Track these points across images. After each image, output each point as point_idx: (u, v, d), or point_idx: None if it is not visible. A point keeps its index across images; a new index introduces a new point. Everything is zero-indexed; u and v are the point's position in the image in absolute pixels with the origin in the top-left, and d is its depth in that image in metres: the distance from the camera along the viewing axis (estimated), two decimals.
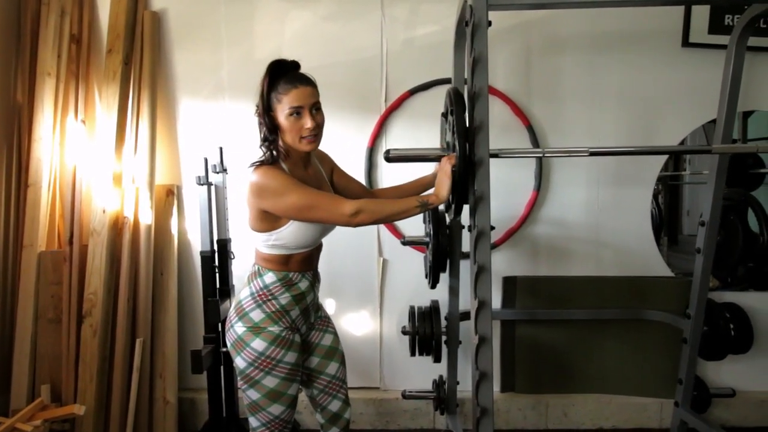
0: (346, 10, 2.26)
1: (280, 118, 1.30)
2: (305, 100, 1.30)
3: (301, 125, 1.30)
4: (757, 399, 2.29)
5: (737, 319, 2.07)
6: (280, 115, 1.30)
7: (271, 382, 1.33)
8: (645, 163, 2.31)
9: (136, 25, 2.24)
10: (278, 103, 1.29)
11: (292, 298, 1.38)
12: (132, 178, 2.18)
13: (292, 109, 1.28)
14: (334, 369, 1.52)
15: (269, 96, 1.30)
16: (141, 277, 2.13)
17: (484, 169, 1.41)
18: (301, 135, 1.30)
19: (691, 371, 2.06)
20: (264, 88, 1.30)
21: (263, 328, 1.33)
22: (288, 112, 1.28)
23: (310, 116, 1.30)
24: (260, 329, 1.33)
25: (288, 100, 1.28)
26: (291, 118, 1.29)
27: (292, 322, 1.38)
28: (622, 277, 2.27)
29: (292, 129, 1.30)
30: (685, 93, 2.26)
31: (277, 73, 1.31)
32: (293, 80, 1.30)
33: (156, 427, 2.12)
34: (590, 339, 2.27)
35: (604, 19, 2.26)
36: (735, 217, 2.31)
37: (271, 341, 1.33)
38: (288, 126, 1.30)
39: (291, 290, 1.37)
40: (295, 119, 1.29)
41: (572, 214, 2.32)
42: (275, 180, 1.28)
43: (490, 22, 1.44)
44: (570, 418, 2.29)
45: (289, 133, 1.30)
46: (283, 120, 1.30)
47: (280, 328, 1.35)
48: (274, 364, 1.33)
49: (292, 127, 1.29)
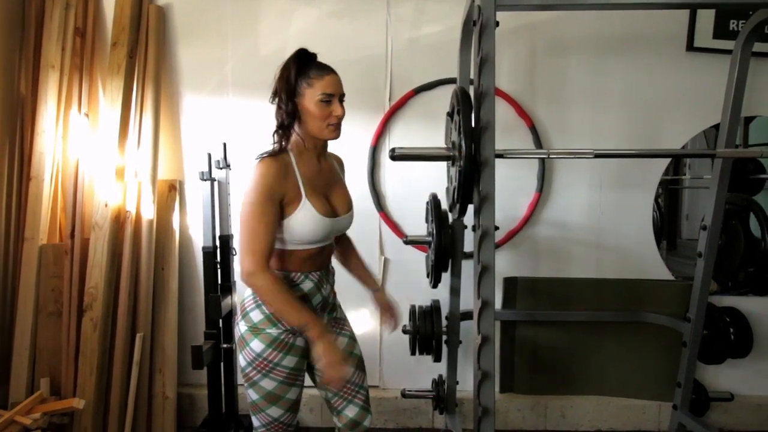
0: (351, 8, 2.23)
1: (307, 103, 1.27)
2: (337, 89, 1.30)
3: (330, 112, 1.29)
4: (755, 403, 2.28)
5: (737, 324, 2.06)
6: (309, 100, 1.27)
7: (269, 384, 1.29)
8: (647, 166, 2.30)
9: (141, 19, 2.21)
10: (308, 88, 1.27)
11: None
12: (135, 172, 2.15)
13: (325, 96, 1.27)
14: (349, 373, 1.42)
15: (297, 81, 1.27)
16: (142, 271, 2.11)
17: (489, 170, 1.39)
18: (328, 122, 1.29)
19: (690, 375, 2.05)
20: (292, 73, 1.27)
21: (261, 329, 1.28)
22: (319, 97, 1.26)
23: (340, 104, 1.30)
24: (259, 330, 1.28)
25: (321, 86, 1.27)
26: (321, 104, 1.27)
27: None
28: (622, 279, 2.25)
29: (321, 115, 1.27)
30: (688, 97, 2.24)
31: (306, 60, 1.29)
32: (326, 68, 1.30)
33: (155, 422, 2.10)
34: (590, 341, 2.26)
35: (608, 22, 2.24)
36: (737, 221, 2.29)
37: (268, 343, 1.27)
38: (316, 112, 1.27)
39: (292, 291, 1.31)
40: (324, 106, 1.28)
41: (574, 216, 2.30)
42: (256, 180, 1.23)
43: (497, 23, 1.42)
44: (568, 420, 2.27)
45: (315, 120, 1.28)
46: (312, 106, 1.27)
47: (279, 330, 1.28)
48: (272, 366, 1.28)
49: (321, 113, 1.27)
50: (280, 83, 1.29)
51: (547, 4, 1.44)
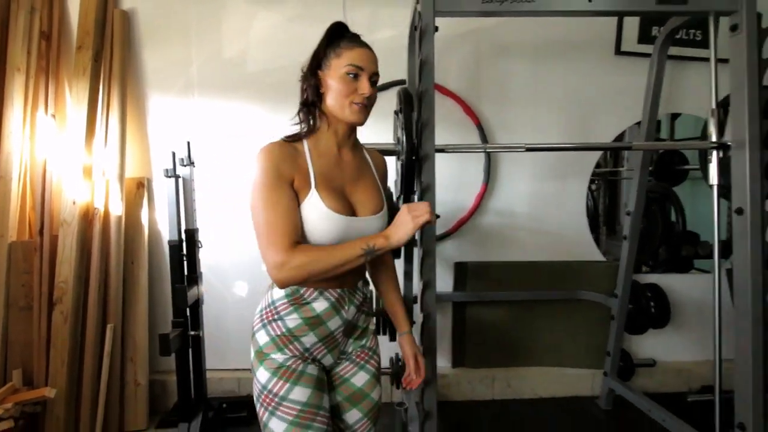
0: (310, 13, 2.25)
1: (331, 77, 1.02)
2: (367, 63, 1.04)
3: (355, 88, 1.02)
4: (675, 368, 2.44)
5: (657, 298, 2.20)
6: (334, 73, 1.02)
7: (278, 426, 0.97)
8: (581, 159, 2.41)
9: (106, 23, 2.18)
10: (336, 58, 1.03)
11: (304, 322, 1.01)
12: (102, 171, 2.12)
13: (353, 68, 1.01)
14: (355, 418, 1.09)
15: (325, 52, 1.04)
16: (111, 265, 2.09)
17: (429, 163, 1.45)
18: (352, 100, 1.02)
19: (618, 345, 2.18)
20: (322, 44, 1.05)
21: (266, 354, 1.01)
22: (346, 70, 1.01)
23: (368, 82, 1.03)
24: (263, 356, 1.01)
25: (349, 57, 1.02)
26: (347, 77, 1.01)
27: (304, 350, 1.02)
28: (560, 261, 2.37)
29: (345, 90, 1.02)
30: (617, 96, 2.36)
31: (339, 32, 1.07)
32: (359, 40, 1.06)
33: (127, 408, 2.09)
34: (532, 318, 2.36)
35: (546, 29, 2.33)
36: (656, 208, 2.44)
37: (273, 371, 0.99)
38: (340, 86, 1.02)
39: (301, 311, 1.02)
40: (350, 80, 1.02)
41: (517, 205, 2.40)
42: (260, 164, 0.98)
43: (436, 28, 1.48)
44: (513, 389, 2.38)
45: (338, 96, 1.02)
46: (336, 80, 1.02)
47: (285, 356, 1.00)
48: (278, 402, 0.97)
49: (346, 88, 1.02)
50: (310, 62, 1.06)
51: (482, 11, 1.50)
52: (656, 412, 1.88)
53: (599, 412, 2.25)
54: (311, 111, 1.06)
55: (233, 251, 2.29)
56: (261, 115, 2.27)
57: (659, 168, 2.82)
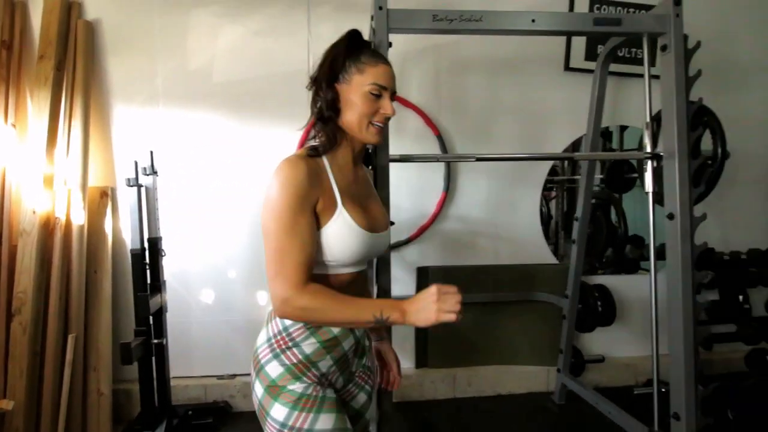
0: (275, 27, 2.28)
1: (353, 93, 0.96)
2: (390, 82, 0.98)
3: (377, 108, 0.97)
4: (623, 363, 2.55)
5: (604, 298, 2.30)
6: (356, 89, 0.95)
7: None
8: (534, 168, 2.51)
9: (69, 33, 2.15)
10: (358, 74, 0.96)
11: (321, 345, 0.94)
12: (64, 180, 2.08)
13: (377, 87, 0.95)
14: None
15: (345, 63, 0.96)
16: (73, 275, 2.04)
17: (384, 173, 1.50)
18: (374, 120, 0.97)
19: (570, 342, 2.26)
20: (340, 54, 0.97)
21: (281, 387, 0.91)
22: (369, 89, 0.95)
23: (390, 101, 0.98)
24: (278, 389, 0.91)
25: (374, 74, 0.95)
26: (370, 96, 0.95)
27: (321, 376, 0.94)
28: (516, 264, 2.45)
29: (367, 110, 0.96)
30: (567, 109, 2.48)
31: (359, 43, 0.99)
32: (381, 56, 1.00)
33: (90, 418, 2.04)
34: (491, 319, 2.43)
35: (501, 46, 2.42)
36: (601, 213, 2.55)
37: (293, 404, 0.89)
38: (362, 105, 0.95)
39: (318, 334, 0.94)
40: (373, 99, 0.96)
41: (476, 211, 2.47)
42: (281, 184, 0.88)
43: (390, 43, 1.53)
44: (474, 387, 2.44)
45: (358, 114, 0.96)
46: (358, 96, 0.95)
47: (304, 384, 0.91)
48: None
49: (368, 108, 0.96)
50: (324, 68, 0.98)
51: (433, 28, 1.56)
52: (603, 405, 1.97)
53: (554, 407, 2.33)
54: (332, 127, 0.98)
55: (199, 259, 2.28)
56: (226, 125, 2.28)
57: (610, 176, 2.96)
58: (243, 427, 2.14)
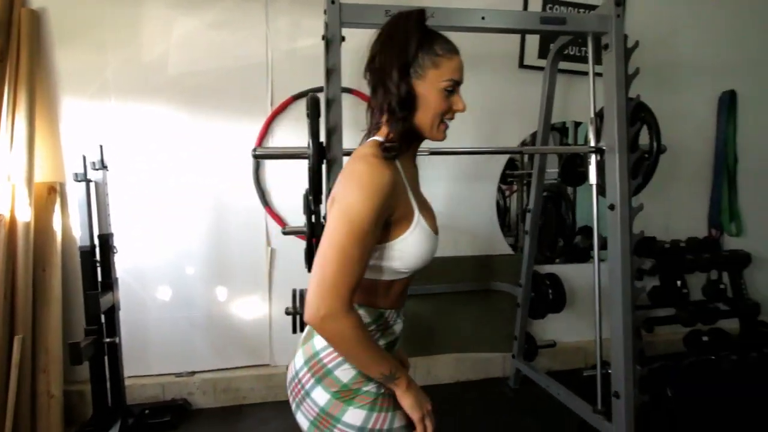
0: (232, 20, 2.22)
1: (428, 89, 0.85)
2: (462, 76, 0.89)
3: (450, 104, 0.88)
4: (573, 347, 2.65)
5: (555, 286, 2.37)
6: (430, 85, 0.85)
7: None
8: (490, 162, 2.56)
9: (12, 23, 2.02)
10: (433, 68, 0.85)
11: (386, 347, 0.91)
12: (8, 175, 1.96)
13: (452, 83, 0.86)
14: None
15: (416, 54, 0.84)
16: (19, 274, 1.94)
17: (337, 166, 1.49)
18: (447, 117, 0.88)
19: (523, 329, 2.33)
20: (412, 42, 0.84)
21: (356, 390, 0.85)
22: (445, 85, 0.85)
23: (461, 97, 0.89)
24: (353, 392, 0.85)
25: (450, 69, 0.86)
26: (444, 93, 0.86)
27: None
28: (474, 255, 2.49)
29: (442, 107, 0.86)
30: (521, 105, 2.53)
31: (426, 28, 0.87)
32: (454, 47, 0.89)
33: (40, 420, 1.95)
34: (450, 308, 2.47)
35: (458, 42, 2.36)
36: (552, 205, 2.64)
37: (370, 406, 0.85)
38: (437, 102, 0.86)
39: (386, 336, 0.91)
40: (447, 96, 0.86)
41: (436, 204, 2.44)
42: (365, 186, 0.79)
43: (343, 38, 1.52)
44: (433, 375, 2.48)
45: (432, 113, 0.86)
46: (433, 93, 0.85)
47: (377, 384, 0.86)
48: None
49: (443, 105, 0.86)
50: (391, 52, 0.85)
51: None
52: (554, 387, 2.04)
53: (509, 391, 2.40)
54: (407, 127, 0.87)
55: (153, 255, 2.21)
56: (181, 119, 2.21)
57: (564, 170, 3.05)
58: (203, 424, 2.10)
